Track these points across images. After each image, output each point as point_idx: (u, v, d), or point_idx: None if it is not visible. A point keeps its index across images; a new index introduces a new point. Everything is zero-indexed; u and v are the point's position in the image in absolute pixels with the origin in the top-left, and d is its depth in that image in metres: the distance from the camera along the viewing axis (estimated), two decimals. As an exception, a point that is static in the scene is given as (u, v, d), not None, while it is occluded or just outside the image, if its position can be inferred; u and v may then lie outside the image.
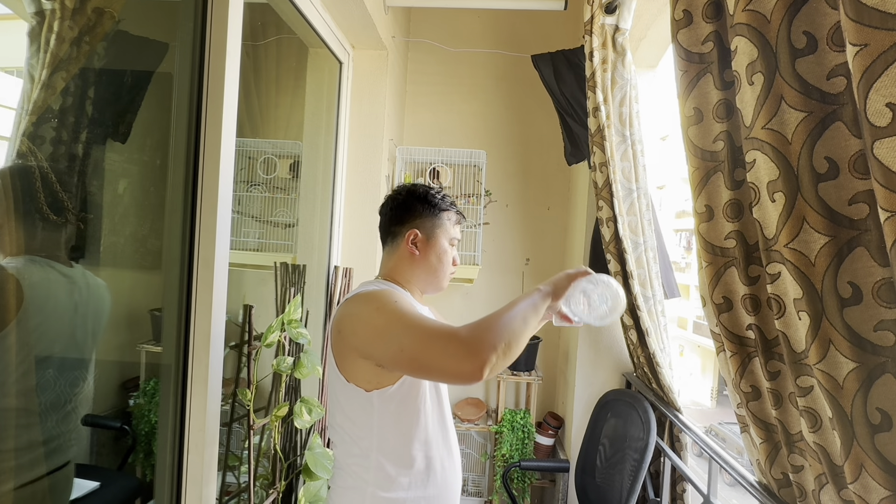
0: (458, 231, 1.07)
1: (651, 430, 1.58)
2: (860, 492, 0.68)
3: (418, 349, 0.79)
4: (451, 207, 1.06)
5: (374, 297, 0.90)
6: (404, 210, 1.03)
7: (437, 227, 1.03)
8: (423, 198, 1.03)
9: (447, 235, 1.04)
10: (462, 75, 2.68)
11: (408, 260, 1.02)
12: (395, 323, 0.83)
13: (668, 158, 13.07)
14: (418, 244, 1.02)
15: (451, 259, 1.05)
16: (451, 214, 1.05)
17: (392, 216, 1.05)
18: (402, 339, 0.81)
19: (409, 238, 1.01)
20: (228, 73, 1.13)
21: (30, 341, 0.92)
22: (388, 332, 0.83)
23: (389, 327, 0.84)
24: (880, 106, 0.55)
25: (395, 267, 1.04)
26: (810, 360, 0.72)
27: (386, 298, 0.88)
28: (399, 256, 1.03)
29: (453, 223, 1.05)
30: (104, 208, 1.24)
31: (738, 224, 0.92)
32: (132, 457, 1.42)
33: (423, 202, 1.03)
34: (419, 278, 1.03)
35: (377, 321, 0.85)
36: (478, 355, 0.74)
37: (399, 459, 0.94)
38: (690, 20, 0.95)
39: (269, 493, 1.54)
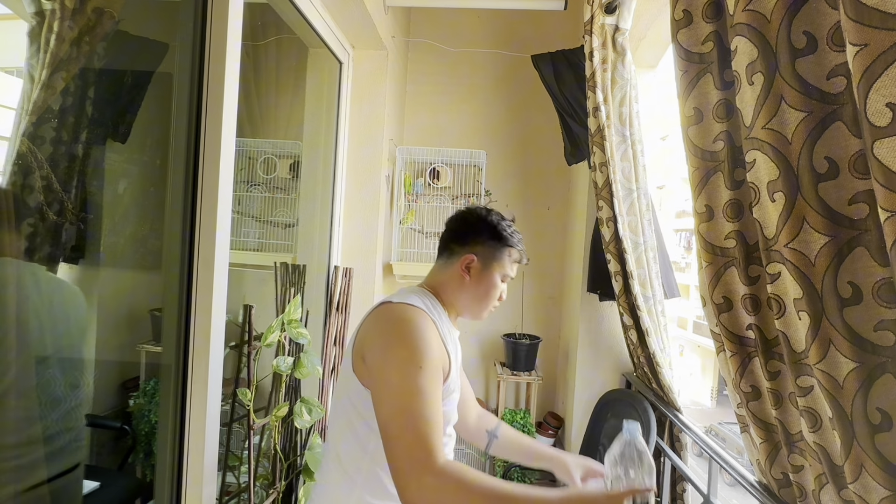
0: (514, 270, 1.05)
1: (651, 430, 1.58)
2: (860, 492, 0.68)
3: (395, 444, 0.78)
4: (517, 245, 1.04)
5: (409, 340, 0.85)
6: (470, 232, 1.03)
7: (495, 260, 1.01)
8: (493, 227, 1.02)
9: (502, 271, 1.02)
10: (462, 75, 2.68)
11: (457, 281, 1.01)
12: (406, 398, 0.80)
13: (668, 158, 13.06)
14: (472, 270, 1.01)
15: (499, 294, 1.04)
16: (515, 253, 1.03)
17: (456, 233, 1.04)
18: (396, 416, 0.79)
19: (465, 262, 1.00)
20: (228, 73, 1.13)
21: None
22: (395, 397, 0.81)
23: (399, 394, 0.81)
24: (880, 106, 0.55)
25: (443, 283, 1.03)
26: (810, 360, 0.72)
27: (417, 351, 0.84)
28: (450, 275, 1.02)
29: (512, 260, 1.04)
30: (104, 208, 1.24)
31: (738, 224, 0.92)
32: (132, 457, 1.42)
33: (490, 231, 1.02)
34: (462, 303, 1.03)
35: (395, 376, 0.82)
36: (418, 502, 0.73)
37: (382, 494, 0.91)
38: (690, 20, 0.95)
39: (269, 493, 1.54)
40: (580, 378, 2.09)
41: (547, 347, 2.62)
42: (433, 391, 0.82)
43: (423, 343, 0.85)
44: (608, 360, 2.08)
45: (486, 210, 1.05)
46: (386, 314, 0.90)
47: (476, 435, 1.19)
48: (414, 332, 0.86)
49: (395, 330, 0.87)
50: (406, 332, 0.86)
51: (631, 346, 1.80)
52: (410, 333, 0.85)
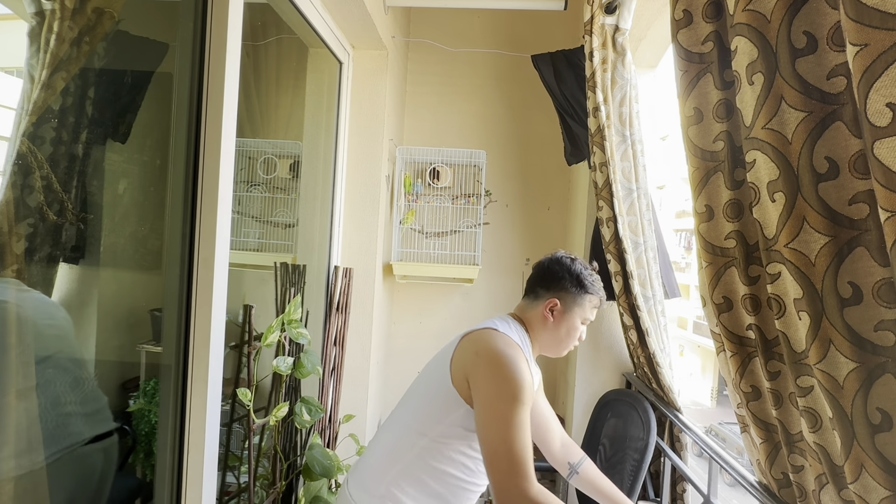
0: (594, 314, 1.16)
1: (651, 430, 1.58)
2: (860, 492, 0.68)
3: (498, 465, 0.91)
4: (598, 293, 1.14)
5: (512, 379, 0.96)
6: (555, 278, 1.14)
7: (576, 305, 1.12)
8: (577, 276, 1.13)
9: (582, 315, 1.13)
10: (462, 75, 2.68)
11: (541, 321, 1.13)
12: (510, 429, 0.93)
13: (668, 158, 13.07)
14: (555, 313, 1.12)
15: (578, 336, 1.15)
16: (595, 300, 1.14)
17: (543, 278, 1.16)
18: (500, 443, 0.92)
19: (549, 305, 1.12)
20: (228, 73, 1.13)
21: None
22: (499, 424, 0.94)
23: (504, 423, 0.93)
24: (880, 106, 0.55)
25: (530, 319, 1.14)
26: (810, 360, 0.72)
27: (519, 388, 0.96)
28: (535, 314, 1.14)
29: (592, 306, 1.14)
30: (104, 208, 1.24)
31: (738, 224, 0.92)
32: (132, 457, 1.42)
33: (574, 279, 1.13)
34: (544, 341, 1.14)
35: (500, 406, 0.95)
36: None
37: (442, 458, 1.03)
38: (690, 20, 0.95)
39: (269, 493, 1.54)
40: (580, 378, 2.09)
41: (547, 347, 2.62)
42: (527, 423, 0.95)
43: (525, 380, 0.97)
44: (608, 360, 2.08)
45: (571, 259, 1.17)
46: (494, 348, 1.01)
47: (559, 463, 1.29)
48: (517, 371, 0.97)
49: (504, 366, 0.98)
50: (512, 371, 0.97)
51: (631, 346, 1.80)
52: (515, 372, 0.97)
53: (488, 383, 0.98)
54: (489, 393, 0.97)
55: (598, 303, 1.15)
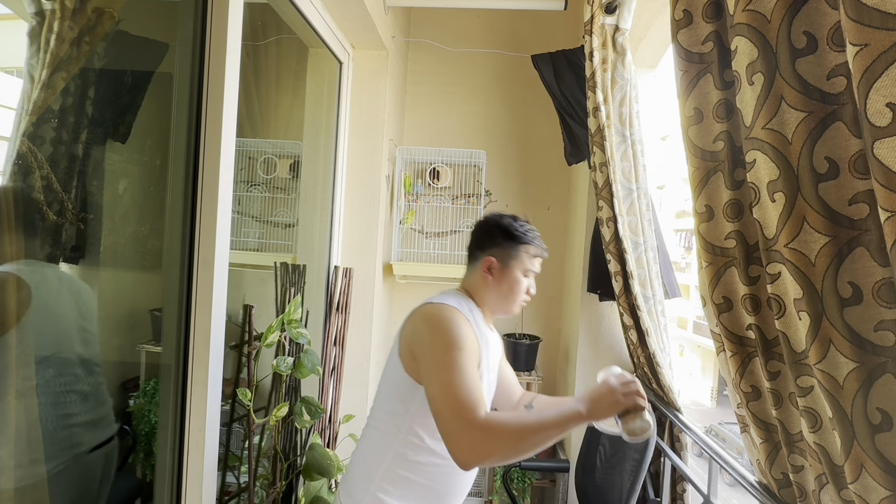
0: (536, 264, 1.13)
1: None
2: (860, 492, 0.68)
3: (442, 411, 0.89)
4: (533, 241, 1.11)
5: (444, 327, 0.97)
6: (485, 237, 1.13)
7: (513, 259, 1.10)
8: (505, 229, 1.11)
9: (522, 267, 1.10)
10: (462, 75, 2.68)
11: (483, 283, 1.12)
12: (444, 378, 0.91)
13: (668, 158, 13.07)
14: (493, 271, 1.10)
15: (524, 289, 1.12)
16: (531, 248, 1.11)
17: (475, 240, 1.15)
18: (439, 394, 0.90)
19: (485, 265, 1.11)
20: (228, 73, 1.13)
21: (33, 341, 0.95)
22: (436, 378, 0.92)
23: (439, 374, 0.92)
24: (880, 106, 0.55)
25: (472, 286, 1.14)
26: (810, 360, 0.72)
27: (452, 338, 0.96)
28: (476, 278, 1.13)
29: (531, 256, 1.11)
30: (104, 208, 1.24)
31: (738, 224, 0.92)
32: (132, 457, 1.42)
33: (503, 233, 1.11)
34: (490, 301, 1.12)
35: (435, 357, 0.95)
36: (470, 452, 0.84)
37: (422, 442, 1.02)
38: (690, 20, 0.95)
39: (269, 493, 1.54)
40: (580, 378, 2.09)
41: (547, 347, 2.62)
42: (470, 367, 0.93)
43: (460, 333, 0.97)
44: (608, 360, 2.08)
45: (500, 215, 1.14)
46: (429, 312, 1.02)
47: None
48: (452, 324, 0.98)
49: (438, 323, 0.99)
50: (445, 324, 0.98)
51: (631, 346, 1.80)
52: (449, 325, 0.98)
53: (425, 343, 0.98)
54: (426, 350, 0.97)
55: (537, 252, 1.12)
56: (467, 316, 1.03)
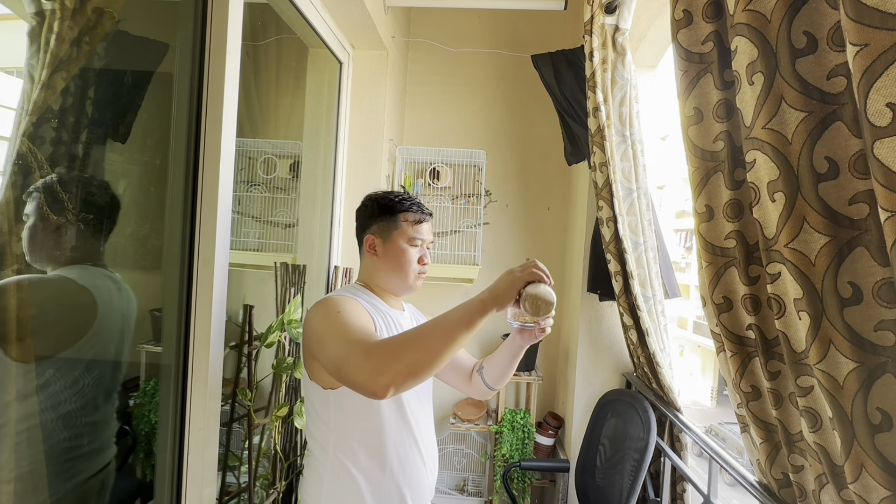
0: (420, 230, 1.06)
1: (651, 430, 1.58)
2: (860, 492, 0.68)
3: (341, 361, 0.82)
4: (410, 208, 1.06)
5: (325, 304, 0.94)
6: (364, 217, 1.09)
7: (393, 230, 1.05)
8: (378, 202, 1.07)
9: (405, 236, 1.05)
10: (462, 75, 2.68)
11: (372, 265, 1.08)
12: (332, 333, 0.87)
13: (668, 158, 13.07)
14: (376, 248, 1.06)
15: (415, 259, 1.06)
16: (409, 215, 1.06)
17: (357, 225, 1.11)
18: (333, 349, 0.85)
19: (367, 243, 1.07)
20: (228, 73, 1.13)
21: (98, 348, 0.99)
22: (326, 341, 0.88)
23: (327, 336, 0.88)
24: (880, 106, 0.55)
25: (365, 272, 1.10)
26: (810, 360, 0.72)
27: (332, 307, 0.92)
28: (366, 262, 1.09)
29: (412, 223, 1.06)
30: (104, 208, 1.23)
31: (738, 224, 0.92)
32: (132, 457, 1.42)
33: (378, 206, 1.06)
34: (385, 281, 1.07)
35: (320, 329, 0.91)
36: (380, 376, 0.77)
37: (354, 457, 0.98)
38: (690, 20, 0.95)
39: (269, 493, 1.54)
40: (580, 378, 2.09)
41: (547, 347, 2.62)
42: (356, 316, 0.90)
43: (341, 303, 0.93)
44: (608, 360, 2.08)
45: (374, 192, 1.10)
46: (312, 306, 0.98)
47: (476, 388, 1.19)
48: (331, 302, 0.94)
49: (318, 307, 0.95)
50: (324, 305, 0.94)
51: (631, 346, 1.80)
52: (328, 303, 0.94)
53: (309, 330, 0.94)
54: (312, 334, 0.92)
55: (417, 217, 1.06)
56: (356, 297, 1.00)
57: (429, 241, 1.09)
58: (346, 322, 0.88)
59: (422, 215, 1.08)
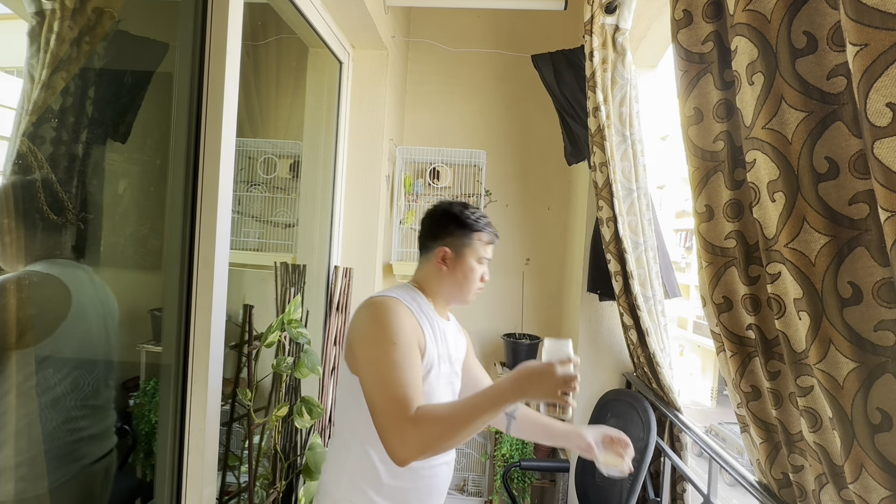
0: (489, 251, 1.12)
1: (651, 430, 1.58)
2: (860, 492, 0.68)
3: (375, 408, 0.90)
4: (485, 228, 1.10)
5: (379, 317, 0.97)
6: (438, 227, 1.11)
7: (466, 246, 1.09)
8: (456, 217, 1.10)
9: (476, 255, 1.09)
10: (462, 75, 2.68)
11: (436, 274, 1.10)
12: (380, 374, 0.91)
13: (668, 158, 13.07)
14: (447, 260, 1.09)
15: (479, 276, 1.11)
16: (483, 235, 1.10)
17: (427, 230, 1.14)
18: (377, 394, 0.90)
19: (439, 255, 1.09)
20: (228, 73, 1.13)
21: (74, 341, 0.99)
22: (371, 368, 0.93)
23: (375, 366, 0.92)
24: (880, 106, 0.55)
25: (425, 277, 1.12)
26: (810, 360, 0.72)
27: (387, 328, 0.95)
28: (430, 269, 1.12)
29: (484, 243, 1.10)
30: (104, 208, 1.23)
31: (738, 224, 0.92)
32: (132, 457, 1.42)
33: (455, 221, 1.10)
34: (445, 291, 1.11)
35: (371, 352, 0.94)
36: (410, 454, 0.84)
37: (381, 449, 0.98)
38: (690, 20, 0.95)
39: (269, 493, 1.54)
40: (580, 378, 2.09)
41: (547, 347, 2.62)
42: (406, 362, 0.92)
43: (395, 324, 0.96)
44: (608, 360, 2.08)
45: (450, 203, 1.14)
46: (367, 307, 1.01)
47: (496, 420, 1.22)
48: (387, 315, 0.97)
49: (373, 316, 0.98)
50: (380, 316, 0.97)
51: (631, 346, 1.80)
52: (384, 317, 0.97)
53: (361, 337, 0.98)
54: (361, 344, 0.97)
55: (489, 238, 1.11)
56: (412, 307, 1.03)
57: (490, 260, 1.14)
58: (393, 371, 0.90)
59: (494, 237, 1.13)
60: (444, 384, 1.07)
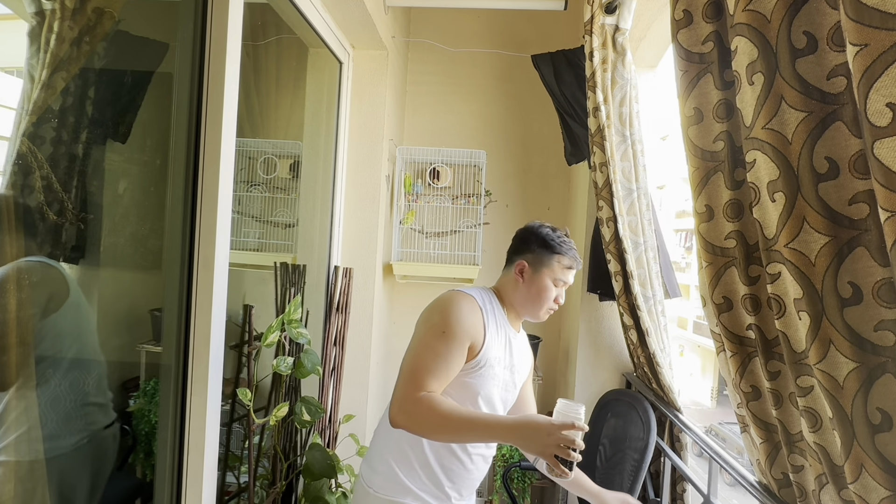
0: (567, 275, 1.16)
1: (651, 430, 1.58)
2: (860, 492, 0.68)
3: (401, 374, 1.01)
4: (567, 253, 1.15)
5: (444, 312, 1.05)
6: (522, 243, 1.19)
7: (544, 265, 1.14)
8: (541, 237, 1.16)
9: (552, 276, 1.14)
10: (462, 75, 2.68)
11: (513, 285, 1.17)
12: (423, 351, 1.01)
13: (668, 158, 13.07)
14: (524, 274, 1.16)
15: (552, 297, 1.15)
16: (564, 259, 1.15)
17: (514, 245, 1.22)
18: (410, 360, 1.01)
19: (518, 267, 1.16)
20: (228, 73, 1.13)
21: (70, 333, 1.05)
22: (415, 345, 1.03)
23: (420, 346, 1.02)
24: (880, 106, 0.55)
25: (503, 285, 1.20)
26: (810, 360, 0.72)
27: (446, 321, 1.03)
28: (508, 279, 1.19)
29: (563, 266, 1.15)
30: (104, 208, 1.24)
31: (738, 224, 0.92)
32: (132, 457, 1.42)
33: (539, 240, 1.16)
34: (518, 303, 1.17)
35: (423, 334, 1.04)
36: (401, 419, 0.95)
37: (416, 441, 1.09)
38: (690, 20, 0.95)
39: (269, 493, 1.54)
40: (580, 378, 2.09)
41: (547, 347, 2.62)
42: (446, 354, 1.00)
43: (455, 316, 1.03)
44: (608, 360, 2.08)
45: (540, 224, 1.20)
46: (442, 296, 1.10)
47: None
48: (451, 307, 1.05)
49: (439, 304, 1.08)
50: (445, 306, 1.06)
51: (631, 346, 1.80)
52: (448, 307, 1.05)
53: (423, 318, 1.07)
54: (421, 323, 1.06)
55: (570, 263, 1.16)
56: (483, 307, 1.10)
57: (569, 284, 1.18)
58: (433, 358, 0.99)
59: (574, 262, 1.16)
60: (494, 387, 1.12)
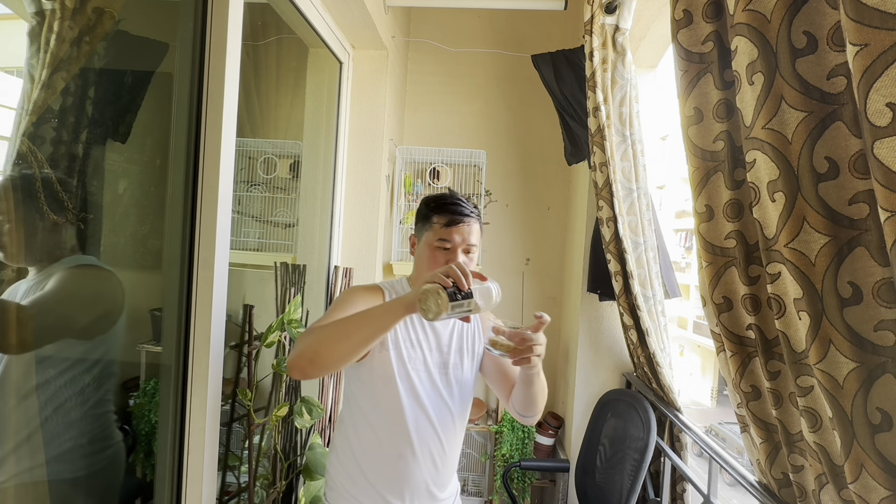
0: (451, 233, 1.04)
1: (651, 429, 1.58)
2: (860, 492, 0.68)
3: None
4: (441, 209, 1.06)
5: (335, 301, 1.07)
6: (415, 219, 1.15)
7: (425, 230, 1.09)
8: (421, 204, 1.12)
9: (435, 237, 1.06)
10: (462, 75, 2.68)
11: (415, 262, 1.13)
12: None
13: (668, 158, 13.08)
14: (414, 248, 1.13)
15: (440, 262, 1.03)
16: (437, 217, 1.06)
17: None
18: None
19: (411, 241, 1.14)
20: (228, 73, 1.13)
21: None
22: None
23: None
24: (880, 106, 0.55)
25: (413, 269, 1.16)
26: (810, 360, 0.72)
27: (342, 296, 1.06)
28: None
29: (441, 225, 1.05)
30: (104, 208, 1.23)
31: (738, 224, 0.92)
32: (132, 457, 1.42)
33: (419, 211, 1.12)
34: (415, 277, 1.13)
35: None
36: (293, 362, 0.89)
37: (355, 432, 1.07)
38: (690, 20, 0.95)
39: (269, 493, 1.54)
40: (580, 378, 2.09)
41: (547, 347, 2.62)
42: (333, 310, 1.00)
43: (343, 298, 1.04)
44: (608, 360, 2.08)
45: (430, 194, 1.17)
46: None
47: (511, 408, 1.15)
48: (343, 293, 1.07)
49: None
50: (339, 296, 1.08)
51: (631, 346, 1.80)
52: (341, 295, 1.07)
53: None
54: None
55: (447, 219, 1.04)
56: (385, 288, 1.10)
57: (465, 245, 1.05)
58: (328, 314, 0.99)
59: (453, 216, 1.05)
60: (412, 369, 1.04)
